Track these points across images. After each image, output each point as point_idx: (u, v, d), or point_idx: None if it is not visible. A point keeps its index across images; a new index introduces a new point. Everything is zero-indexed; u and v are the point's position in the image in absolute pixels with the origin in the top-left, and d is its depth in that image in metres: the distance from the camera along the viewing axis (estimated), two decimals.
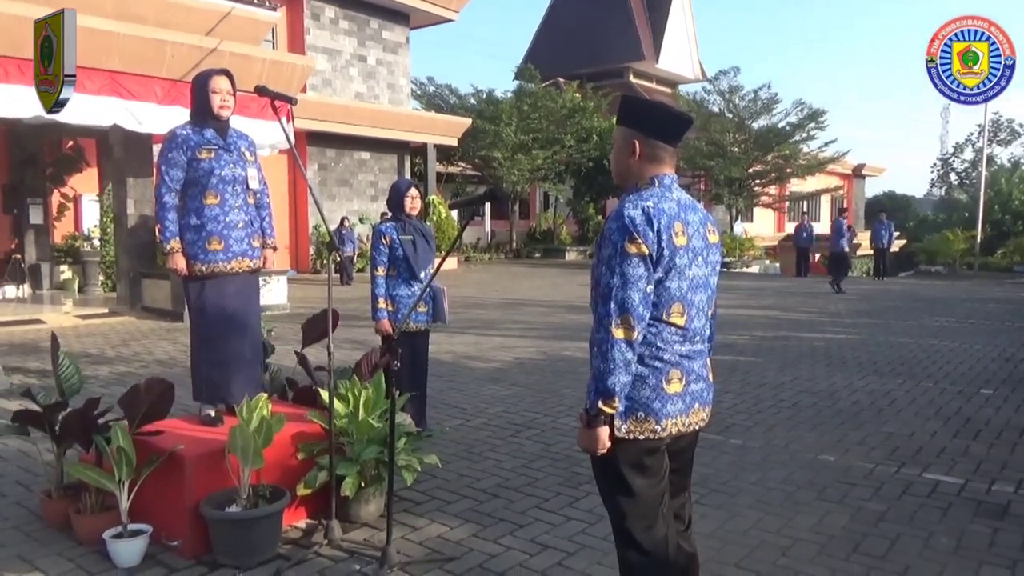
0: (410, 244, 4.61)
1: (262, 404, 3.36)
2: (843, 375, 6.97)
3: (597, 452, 2.08)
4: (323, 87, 19.35)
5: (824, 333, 9.65)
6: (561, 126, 25.44)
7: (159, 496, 3.30)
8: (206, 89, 3.73)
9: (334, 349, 3.48)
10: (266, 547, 3.18)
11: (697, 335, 2.17)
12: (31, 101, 7.59)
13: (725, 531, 3.49)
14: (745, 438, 4.96)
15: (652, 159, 2.17)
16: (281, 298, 11.59)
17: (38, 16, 6.85)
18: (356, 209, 20.15)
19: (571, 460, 4.48)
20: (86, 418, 3.36)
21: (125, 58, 9.35)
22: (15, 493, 3.91)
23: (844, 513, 3.71)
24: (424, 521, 3.60)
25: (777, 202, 30.61)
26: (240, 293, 3.86)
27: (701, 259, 2.16)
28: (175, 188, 3.73)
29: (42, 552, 3.23)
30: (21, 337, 8.93)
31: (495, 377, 6.86)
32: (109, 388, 6.09)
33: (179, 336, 8.84)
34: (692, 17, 37.36)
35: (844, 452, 4.68)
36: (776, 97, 26.30)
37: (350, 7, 19.90)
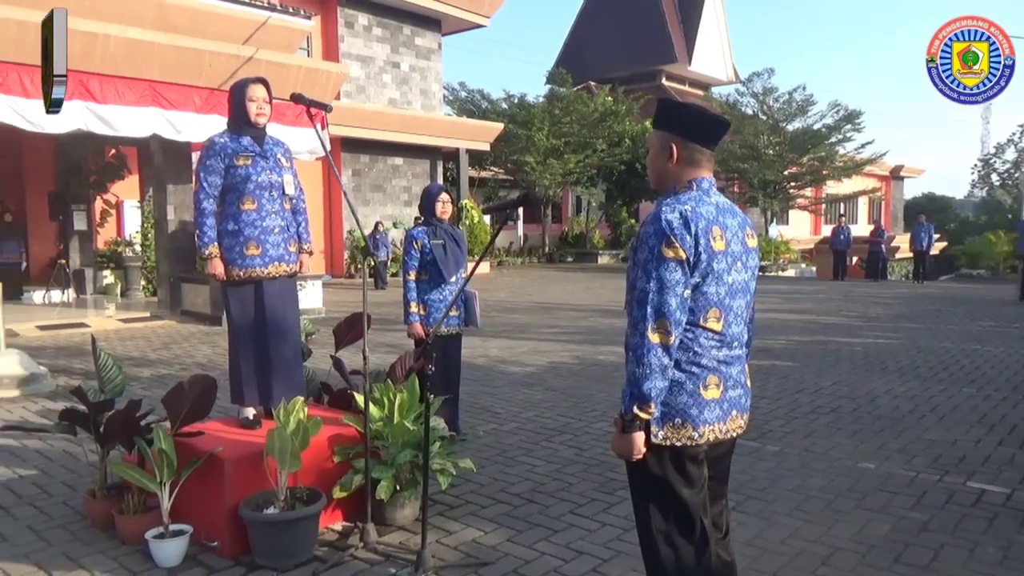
0: (440, 248, 4.63)
1: (299, 407, 3.40)
2: (883, 380, 6.83)
3: (632, 458, 2.07)
4: (357, 94, 19.55)
5: (863, 337, 9.48)
6: (593, 130, 25.36)
7: (199, 497, 3.36)
8: (243, 97, 3.79)
9: (368, 353, 3.51)
10: (303, 549, 3.22)
11: (735, 340, 2.15)
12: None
13: (763, 539, 3.44)
14: (782, 444, 4.89)
15: (690, 162, 2.15)
16: (316, 302, 11.73)
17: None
18: (390, 214, 20.32)
19: (605, 465, 4.46)
20: (129, 420, 3.44)
21: (165, 68, 9.56)
22: (61, 493, 4.01)
23: (885, 522, 3.63)
24: (458, 525, 3.61)
25: (813, 204, 30.15)
26: (277, 297, 3.91)
27: (740, 264, 2.13)
28: (213, 194, 3.79)
29: (87, 551, 3.30)
30: (66, 340, 9.16)
31: (528, 381, 6.86)
32: (150, 390, 6.22)
33: (218, 340, 9.00)
34: (725, 18, 37.03)
35: (885, 459, 4.58)
36: (811, 99, 25.92)
37: (383, 14, 20.09)
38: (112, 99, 9.08)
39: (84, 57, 8.80)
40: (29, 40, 8.31)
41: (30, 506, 3.82)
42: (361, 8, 19.58)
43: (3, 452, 4.68)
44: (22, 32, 8.19)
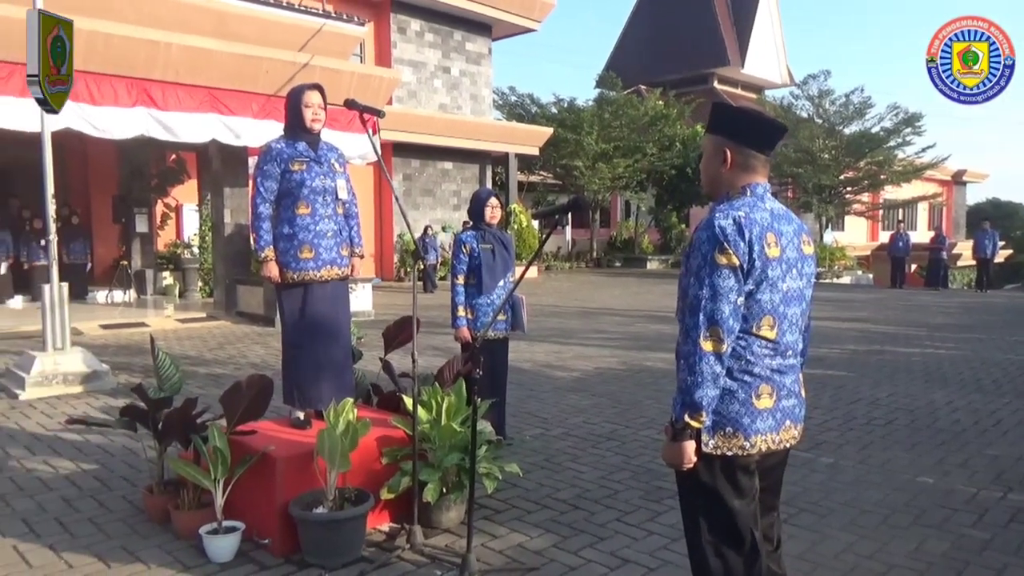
0: (489, 253, 4.64)
1: (348, 409, 3.45)
2: (943, 392, 6.60)
3: (682, 467, 2.04)
4: (408, 99, 19.78)
5: (922, 347, 9.18)
6: (643, 134, 25.16)
7: (251, 495, 3.43)
8: (299, 103, 3.87)
9: (417, 356, 3.54)
10: (351, 549, 3.26)
11: (789, 349, 2.10)
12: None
13: (816, 553, 3.35)
14: (837, 456, 4.76)
15: (744, 168, 2.12)
16: (366, 305, 11.88)
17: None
18: (439, 218, 20.49)
19: (653, 473, 4.41)
20: (185, 417, 3.54)
21: (224, 75, 9.82)
22: (121, 487, 4.14)
23: (944, 539, 3.50)
24: (504, 530, 3.61)
25: (870, 210, 29.35)
26: (330, 300, 3.97)
27: (795, 271, 2.09)
28: (269, 199, 3.88)
29: (143, 544, 3.40)
30: (127, 339, 9.47)
31: (575, 387, 6.83)
32: (206, 389, 6.38)
33: (271, 341, 9.19)
34: (780, 20, 36.37)
35: (944, 474, 4.43)
36: (869, 101, 25.24)
37: (435, 20, 20.30)
38: (173, 106, 9.37)
39: (148, 65, 9.12)
40: (97, 50, 8.65)
41: (92, 499, 3.95)
42: (413, 14, 19.81)
43: (67, 446, 4.87)
44: (90, 42, 8.52)
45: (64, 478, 4.27)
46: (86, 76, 8.58)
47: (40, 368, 6.36)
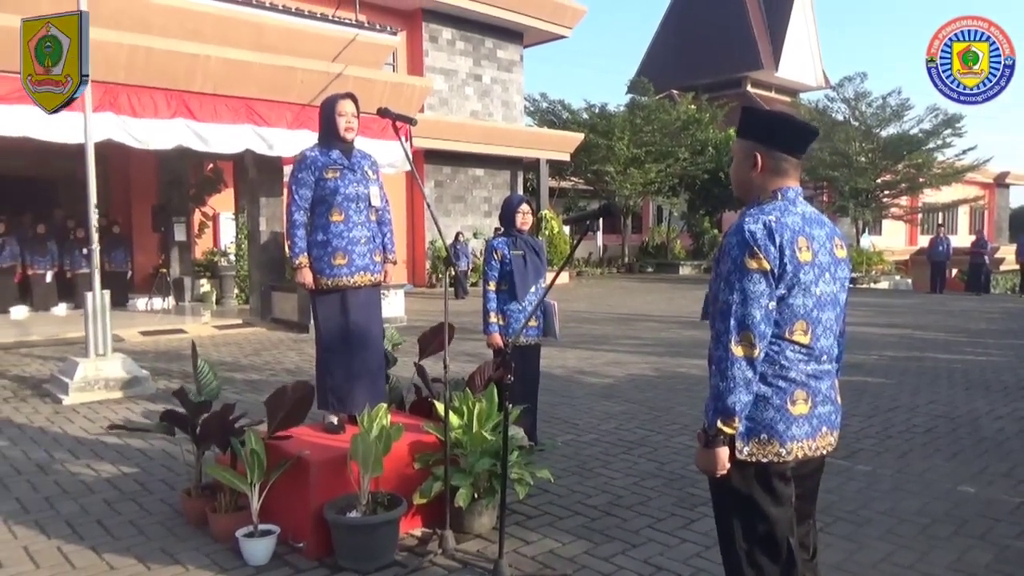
0: (520, 259, 4.65)
1: (382, 414, 3.48)
2: (985, 400, 6.44)
3: (716, 473, 2.02)
4: (440, 106, 19.92)
5: (963, 354, 8.97)
6: (675, 139, 25.00)
7: (286, 498, 3.47)
8: (333, 112, 3.93)
9: (449, 362, 3.57)
10: (384, 553, 3.28)
11: (824, 354, 2.08)
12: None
13: (853, 563, 3.29)
14: (875, 464, 4.68)
15: (775, 172, 2.10)
16: (399, 311, 11.97)
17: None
18: (471, 224, 20.57)
19: (686, 480, 4.37)
20: (223, 422, 3.60)
21: (259, 86, 9.99)
22: (160, 490, 4.22)
23: (987, 551, 3.42)
24: (536, 535, 3.61)
25: (909, 214, 28.77)
26: (363, 306, 4.02)
27: (828, 275, 2.06)
28: (304, 207, 3.94)
29: (182, 547, 3.47)
30: (166, 345, 9.66)
31: (607, 393, 6.80)
32: (242, 395, 6.49)
33: (305, 347, 9.30)
34: (815, 21, 35.91)
35: (987, 484, 4.32)
36: (907, 103, 24.76)
37: (466, 28, 20.43)
38: (209, 117, 9.55)
39: (187, 78, 9.31)
40: (139, 64, 8.87)
41: (132, 502, 4.04)
42: (445, 23, 19.97)
43: (109, 450, 4.98)
44: (132, 56, 8.73)
45: (106, 481, 4.37)
46: (128, 89, 8.79)
47: (83, 374, 6.51)
